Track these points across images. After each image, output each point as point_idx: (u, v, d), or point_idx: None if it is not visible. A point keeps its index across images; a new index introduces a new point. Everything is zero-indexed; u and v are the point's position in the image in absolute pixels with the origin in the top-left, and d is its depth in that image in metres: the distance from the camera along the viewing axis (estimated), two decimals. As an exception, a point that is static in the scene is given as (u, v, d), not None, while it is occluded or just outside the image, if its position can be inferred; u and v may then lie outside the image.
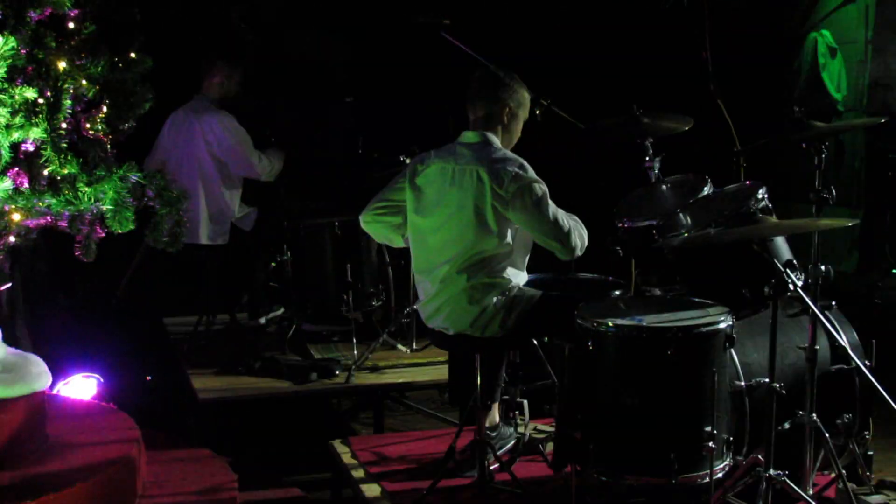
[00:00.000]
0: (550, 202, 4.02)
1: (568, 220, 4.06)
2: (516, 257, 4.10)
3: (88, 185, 3.63)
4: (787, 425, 3.87)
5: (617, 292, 4.35)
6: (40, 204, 3.57)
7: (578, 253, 4.11)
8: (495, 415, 4.53)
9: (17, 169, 3.53)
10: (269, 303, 6.70)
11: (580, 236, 4.09)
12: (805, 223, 3.82)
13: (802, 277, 3.82)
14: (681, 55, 7.18)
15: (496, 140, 4.13)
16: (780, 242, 3.95)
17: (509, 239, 4.04)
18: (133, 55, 4.08)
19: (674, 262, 4.16)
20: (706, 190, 4.43)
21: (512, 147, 4.23)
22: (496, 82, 4.14)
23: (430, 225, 4.12)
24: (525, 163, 4.04)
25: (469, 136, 4.15)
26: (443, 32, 5.46)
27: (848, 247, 9.76)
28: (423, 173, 4.16)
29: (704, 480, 3.62)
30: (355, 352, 5.71)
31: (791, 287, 3.61)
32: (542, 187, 4.01)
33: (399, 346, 5.93)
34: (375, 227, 4.33)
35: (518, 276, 4.13)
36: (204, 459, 4.34)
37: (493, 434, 4.46)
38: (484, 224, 3.99)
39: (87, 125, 3.74)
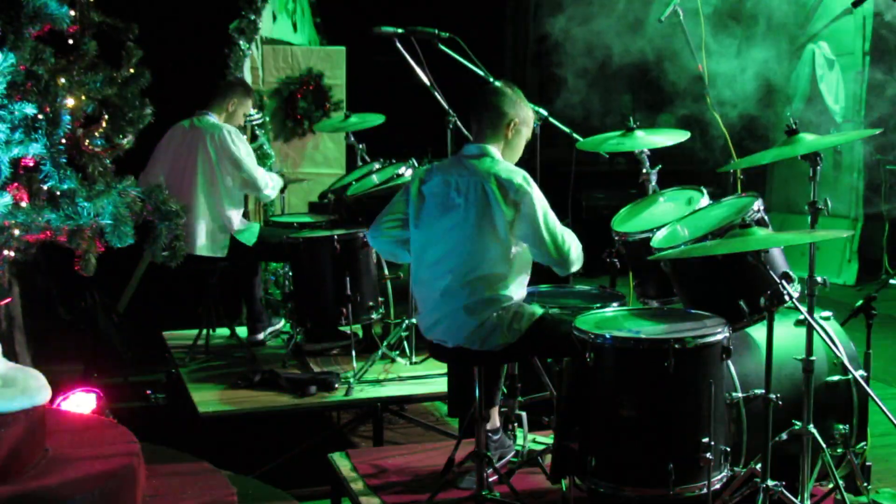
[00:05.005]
0: (553, 217, 4.03)
1: (568, 237, 4.07)
2: (518, 272, 4.10)
3: (88, 199, 3.64)
4: (784, 436, 3.88)
5: (615, 304, 4.36)
6: (40, 219, 3.58)
7: (575, 268, 4.12)
8: (496, 419, 4.54)
9: (16, 184, 3.54)
10: (269, 316, 6.72)
11: (578, 253, 4.10)
12: (800, 235, 3.84)
13: (799, 289, 3.84)
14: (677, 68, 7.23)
15: (497, 153, 4.13)
16: (777, 254, 3.97)
17: (511, 253, 4.04)
18: (132, 71, 4.10)
19: (671, 273, 4.17)
20: (702, 202, 4.46)
21: (516, 161, 4.24)
22: (501, 96, 4.15)
23: (431, 237, 4.13)
24: (528, 175, 4.05)
25: (472, 150, 4.16)
26: (441, 45, 5.48)
27: (846, 258, 9.79)
28: (426, 185, 4.17)
29: (702, 492, 3.64)
30: (354, 365, 5.72)
31: (787, 299, 3.63)
32: (544, 201, 4.02)
33: (398, 359, 5.94)
34: (383, 242, 4.34)
35: (519, 291, 4.13)
36: (203, 473, 4.33)
37: (495, 438, 4.48)
38: (486, 237, 4.00)
39: (87, 140, 3.76)
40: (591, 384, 3.77)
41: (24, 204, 3.55)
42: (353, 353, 5.81)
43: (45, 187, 3.59)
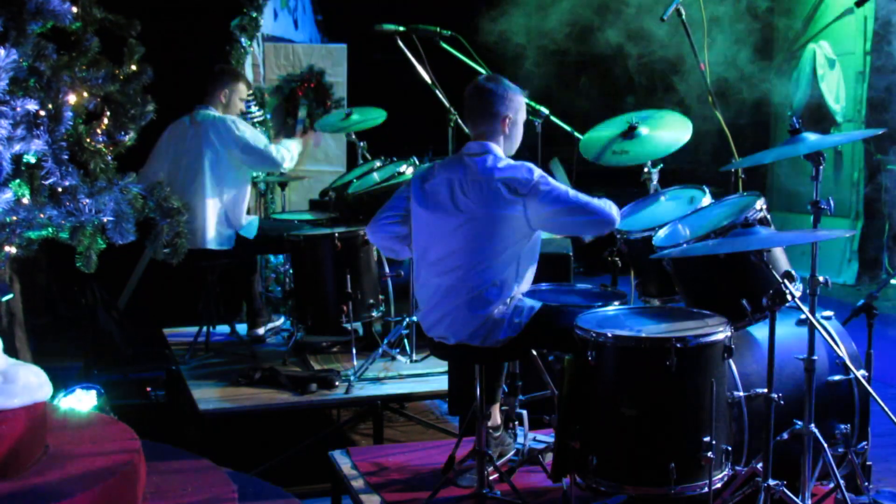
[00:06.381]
0: (565, 187, 4.03)
1: (590, 197, 4.06)
2: (521, 269, 4.10)
3: (89, 196, 3.63)
4: (785, 435, 3.88)
5: (616, 303, 4.35)
6: (41, 215, 3.57)
7: (616, 220, 4.08)
8: (497, 417, 4.54)
9: (18, 180, 3.54)
10: (269, 312, 6.72)
11: (610, 205, 4.08)
12: (803, 234, 3.83)
13: (800, 288, 3.84)
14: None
15: (500, 150, 4.14)
16: (779, 253, 3.97)
17: (514, 250, 4.04)
18: (134, 67, 4.09)
19: (672, 272, 4.17)
20: (704, 201, 4.45)
21: (516, 149, 4.25)
22: (491, 97, 4.13)
23: (434, 235, 4.13)
24: (530, 165, 4.06)
25: (473, 148, 4.15)
26: (443, 43, 5.48)
27: (847, 258, 9.79)
28: (428, 183, 4.17)
29: (703, 491, 3.63)
30: (355, 362, 5.72)
31: (789, 298, 3.62)
32: (551, 180, 4.02)
33: (398, 357, 5.94)
34: (381, 237, 4.34)
35: (521, 288, 4.14)
36: (204, 470, 4.33)
37: (496, 435, 4.48)
38: (491, 236, 4.00)
39: (89, 137, 3.76)
40: (593, 383, 3.77)
41: (25, 200, 3.55)
42: (354, 350, 5.81)
43: (46, 184, 3.58)
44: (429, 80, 5.52)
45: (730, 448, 3.76)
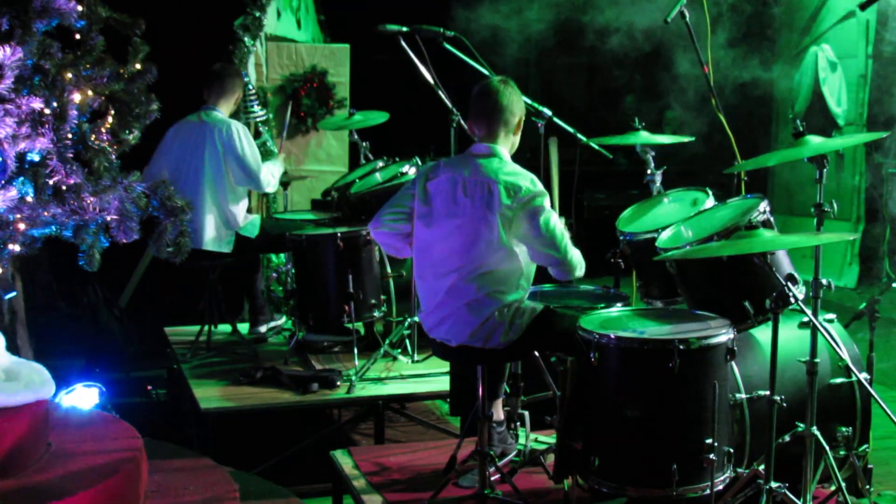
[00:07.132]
0: (557, 221, 4.03)
1: (570, 243, 4.08)
2: (523, 271, 4.10)
3: (94, 194, 3.63)
4: (787, 438, 3.89)
5: (619, 304, 4.36)
6: (45, 213, 3.57)
7: (578, 273, 4.11)
8: (500, 411, 4.54)
9: (22, 178, 3.54)
10: (271, 312, 6.72)
11: (579, 258, 4.11)
12: (807, 237, 3.84)
13: (803, 291, 3.84)
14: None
15: (506, 153, 4.15)
16: (782, 256, 3.97)
17: (517, 252, 4.04)
18: (138, 66, 4.08)
19: (675, 274, 4.17)
20: (707, 203, 4.46)
21: (514, 152, 4.26)
22: (503, 99, 4.14)
23: (437, 235, 4.13)
24: (535, 177, 4.06)
25: (481, 149, 4.16)
26: (445, 43, 5.48)
27: (847, 261, 9.78)
28: (431, 182, 4.17)
29: (705, 492, 3.64)
30: (356, 362, 5.72)
31: (792, 300, 3.63)
32: (549, 203, 4.03)
33: (400, 357, 5.94)
34: (384, 234, 4.33)
35: (523, 290, 4.13)
36: (205, 469, 4.33)
37: (500, 430, 4.48)
38: (492, 236, 4.00)
39: (93, 135, 3.75)
40: (595, 384, 3.78)
41: (29, 198, 3.55)
42: (355, 350, 5.81)
43: (50, 182, 3.58)
44: (431, 81, 5.52)
45: (731, 450, 3.77)
